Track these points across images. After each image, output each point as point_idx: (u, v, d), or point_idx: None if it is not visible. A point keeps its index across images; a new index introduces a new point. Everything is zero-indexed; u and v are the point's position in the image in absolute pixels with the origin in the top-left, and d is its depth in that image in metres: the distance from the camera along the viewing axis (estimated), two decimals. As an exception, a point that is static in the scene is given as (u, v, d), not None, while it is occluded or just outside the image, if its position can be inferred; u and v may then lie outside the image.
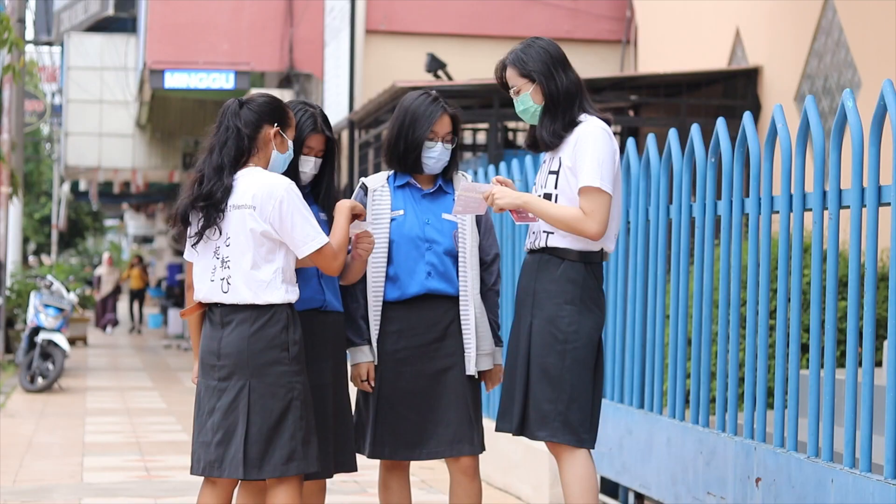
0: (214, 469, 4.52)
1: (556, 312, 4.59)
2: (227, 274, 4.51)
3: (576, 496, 4.56)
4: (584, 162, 4.55)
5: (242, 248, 4.49)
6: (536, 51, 4.69)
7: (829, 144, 4.72)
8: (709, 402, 5.61)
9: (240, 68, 17.63)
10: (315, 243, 4.49)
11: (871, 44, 9.30)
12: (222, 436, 4.50)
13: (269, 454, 4.47)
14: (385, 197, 4.94)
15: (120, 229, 57.16)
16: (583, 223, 4.54)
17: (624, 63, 14.55)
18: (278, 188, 4.48)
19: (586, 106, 4.69)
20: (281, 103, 4.66)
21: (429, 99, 4.93)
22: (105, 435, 10.74)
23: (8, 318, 18.49)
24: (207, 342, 4.59)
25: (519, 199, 4.65)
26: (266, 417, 4.47)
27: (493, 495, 7.43)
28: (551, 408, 4.57)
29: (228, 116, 4.58)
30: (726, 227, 5.49)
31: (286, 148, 4.64)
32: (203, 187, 4.52)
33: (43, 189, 40.34)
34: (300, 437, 4.49)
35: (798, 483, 4.77)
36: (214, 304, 4.57)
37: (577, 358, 4.58)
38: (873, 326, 4.44)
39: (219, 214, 4.50)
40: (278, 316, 4.50)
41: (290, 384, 4.50)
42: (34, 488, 7.79)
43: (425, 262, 4.89)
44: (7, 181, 17.59)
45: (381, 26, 15.20)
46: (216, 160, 4.54)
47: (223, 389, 4.52)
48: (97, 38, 24.87)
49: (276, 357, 4.48)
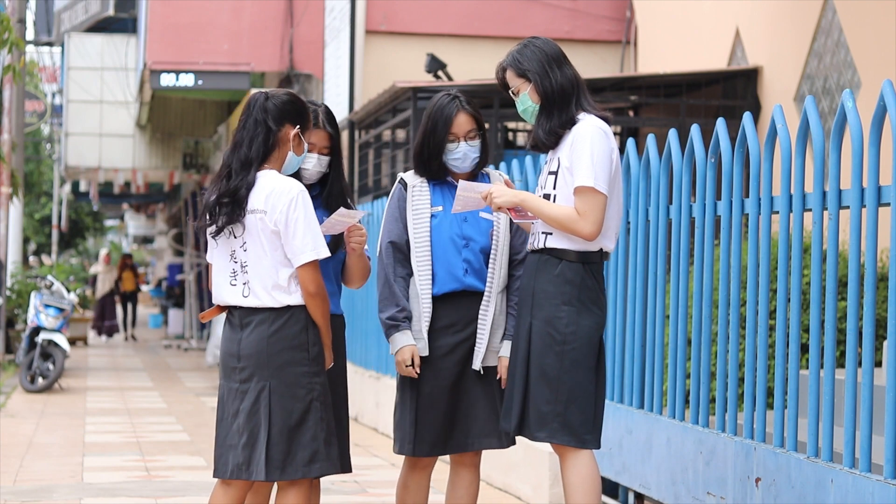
0: (242, 472, 4.48)
1: (554, 313, 4.59)
2: (247, 279, 4.50)
3: (578, 496, 4.56)
4: (580, 162, 4.55)
5: (259, 252, 4.48)
6: (532, 50, 4.70)
7: (829, 145, 4.72)
8: (709, 402, 5.62)
9: (240, 69, 17.62)
10: (309, 255, 4.45)
11: (871, 44, 9.30)
12: (247, 438, 4.47)
13: (291, 455, 4.45)
14: (425, 193, 4.95)
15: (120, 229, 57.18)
16: (576, 223, 4.54)
17: (624, 63, 14.55)
18: (290, 192, 4.45)
19: (584, 104, 4.68)
20: (304, 104, 4.63)
21: (447, 99, 4.94)
22: (105, 435, 10.74)
23: (8, 318, 18.49)
24: (227, 344, 4.56)
25: (516, 197, 4.66)
26: (287, 418, 4.44)
27: (493, 495, 7.43)
28: (550, 409, 4.57)
29: (257, 110, 4.53)
30: (726, 227, 5.49)
31: (302, 150, 4.62)
32: (231, 182, 4.49)
33: (43, 189, 40.33)
34: (322, 438, 4.47)
35: (798, 483, 4.78)
36: (234, 307, 4.56)
37: (575, 359, 4.57)
38: (873, 326, 4.45)
39: (241, 212, 4.48)
40: (297, 317, 4.48)
41: (311, 385, 4.48)
42: (34, 488, 7.79)
43: (462, 258, 4.92)
44: (7, 181, 17.60)
45: (381, 26, 15.20)
46: (244, 154, 4.50)
47: (245, 391, 4.49)
48: (97, 39, 24.86)
49: (296, 357, 4.47)
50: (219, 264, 4.58)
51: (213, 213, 4.53)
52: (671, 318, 5.89)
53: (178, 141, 24.82)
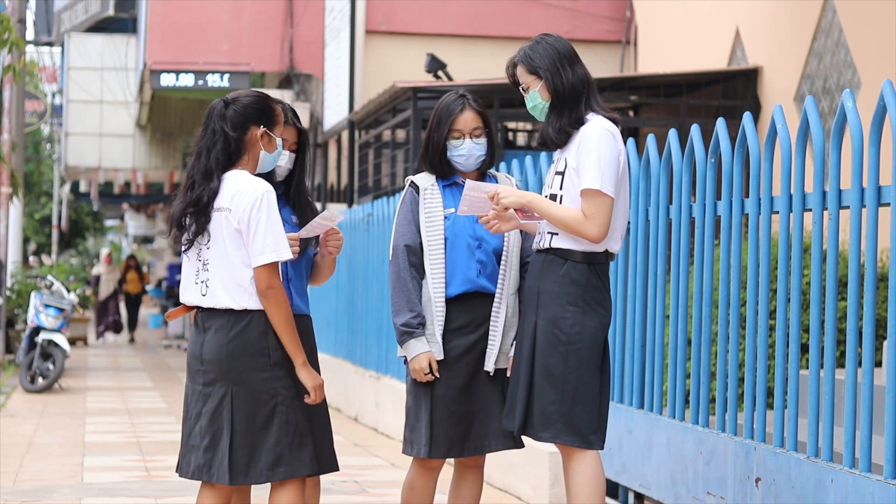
0: (203, 473, 4.52)
1: (559, 313, 4.59)
2: (207, 277, 4.50)
3: (582, 497, 4.55)
4: (587, 164, 4.54)
5: (221, 250, 4.48)
6: (544, 47, 4.68)
7: (829, 145, 4.72)
8: (708, 402, 5.61)
9: (240, 69, 17.63)
10: (269, 256, 4.42)
11: (871, 44, 9.30)
12: (209, 441, 4.49)
13: (254, 460, 4.46)
14: (437, 195, 4.95)
15: (120, 229, 57.18)
16: (583, 226, 4.54)
17: (624, 63, 14.56)
18: (255, 192, 4.45)
19: (594, 104, 4.67)
20: (267, 102, 4.62)
21: (454, 96, 4.96)
22: (105, 435, 10.74)
23: (8, 318, 18.49)
24: (191, 346, 4.59)
25: (523, 198, 4.66)
26: (249, 423, 4.45)
27: (493, 495, 7.43)
28: (555, 409, 4.56)
29: (214, 119, 4.55)
30: (726, 227, 5.49)
31: (274, 146, 4.62)
32: (194, 192, 4.51)
33: (43, 189, 40.34)
34: (287, 442, 4.47)
35: (798, 483, 4.78)
36: (198, 308, 4.58)
37: (580, 359, 4.57)
38: (873, 326, 4.45)
39: (207, 219, 4.49)
40: (257, 321, 4.47)
41: (274, 389, 4.47)
42: (34, 488, 7.79)
43: (475, 260, 4.92)
44: (7, 181, 17.60)
45: (381, 26, 15.21)
46: (204, 165, 4.53)
47: (208, 394, 4.51)
48: (97, 39, 24.88)
49: (257, 363, 4.46)
50: (187, 263, 4.61)
51: (181, 226, 4.54)
52: (671, 318, 5.89)
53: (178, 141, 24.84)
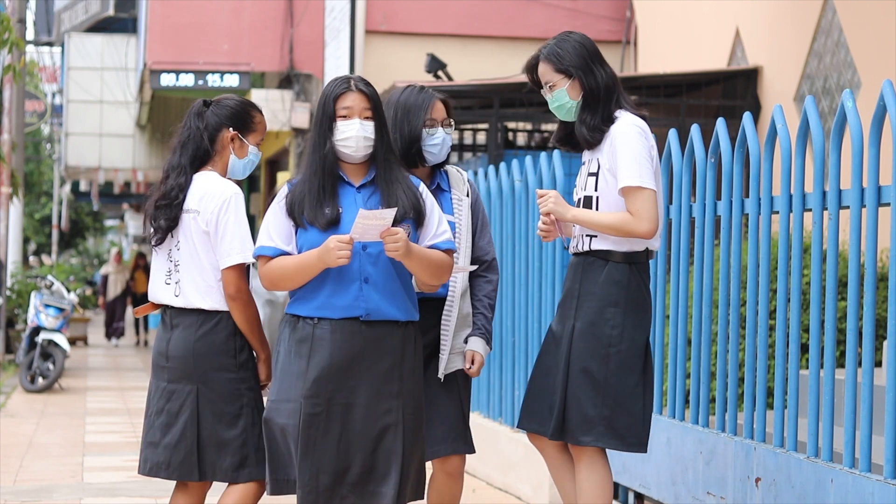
0: (162, 471, 4.54)
1: (599, 315, 4.50)
2: (179, 278, 4.53)
3: (594, 497, 4.53)
4: (622, 162, 4.47)
5: (191, 252, 4.51)
6: (572, 45, 4.58)
7: (829, 145, 4.72)
8: (709, 402, 5.61)
9: (240, 69, 17.62)
10: (235, 258, 4.43)
11: (871, 44, 9.30)
12: (170, 438, 4.50)
13: (220, 460, 4.47)
14: None
15: (120, 229, 57.16)
16: (633, 224, 4.46)
17: (624, 63, 14.55)
18: (223, 194, 4.48)
19: (622, 101, 4.61)
20: (246, 108, 4.63)
21: (416, 89, 4.81)
22: (105, 435, 10.74)
23: (8, 318, 18.50)
24: (158, 343, 4.61)
25: (568, 213, 4.58)
26: (216, 423, 4.47)
27: (493, 495, 7.43)
28: (596, 412, 4.47)
29: (191, 117, 4.62)
30: (726, 227, 5.49)
31: (245, 153, 4.63)
32: (166, 186, 4.57)
33: (43, 189, 40.34)
34: (253, 444, 4.47)
35: (798, 483, 4.78)
36: (167, 306, 4.59)
37: (622, 361, 4.49)
38: (873, 326, 4.45)
39: (176, 213, 4.52)
40: (226, 322, 4.49)
41: (239, 391, 4.49)
42: (34, 488, 7.79)
43: None
44: (7, 181, 17.60)
45: (380, 26, 15.20)
46: (175, 160, 4.59)
47: (172, 392, 4.52)
48: (97, 39, 24.87)
49: (223, 363, 4.48)
50: (157, 263, 4.63)
51: (154, 219, 4.57)
52: (671, 318, 5.89)
53: (178, 141, 24.80)
